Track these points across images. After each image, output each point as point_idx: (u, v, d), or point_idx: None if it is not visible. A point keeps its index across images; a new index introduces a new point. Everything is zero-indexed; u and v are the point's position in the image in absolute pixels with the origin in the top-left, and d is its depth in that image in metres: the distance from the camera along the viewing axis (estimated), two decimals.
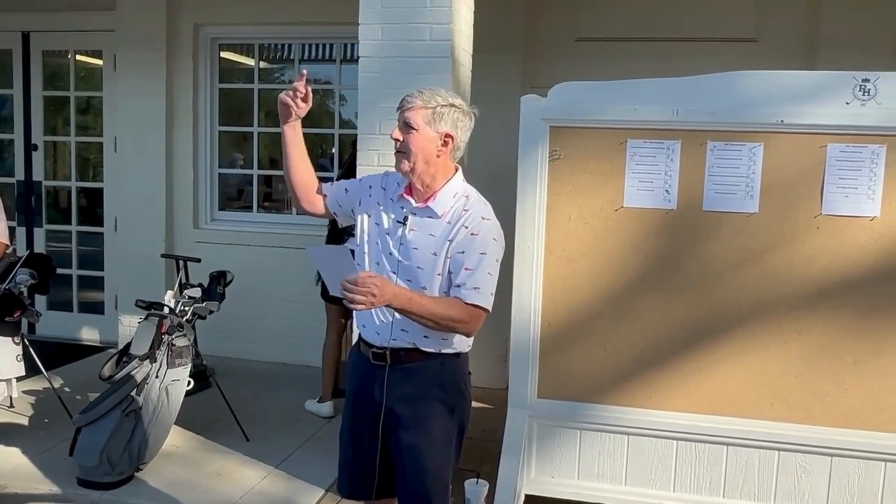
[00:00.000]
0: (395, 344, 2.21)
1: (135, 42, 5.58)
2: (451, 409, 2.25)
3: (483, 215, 2.15)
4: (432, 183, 2.19)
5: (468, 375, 2.34)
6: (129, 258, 5.76)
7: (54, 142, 6.23)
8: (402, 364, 2.22)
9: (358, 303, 1.93)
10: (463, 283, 2.09)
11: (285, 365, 5.48)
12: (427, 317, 2.06)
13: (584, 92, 3.12)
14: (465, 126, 2.20)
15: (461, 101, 2.20)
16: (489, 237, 2.13)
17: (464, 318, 2.08)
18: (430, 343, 2.20)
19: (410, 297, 2.05)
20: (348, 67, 5.57)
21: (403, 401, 2.22)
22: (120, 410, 3.53)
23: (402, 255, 2.19)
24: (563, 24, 5.01)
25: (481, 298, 2.09)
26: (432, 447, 2.23)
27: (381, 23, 3.30)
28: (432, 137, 2.14)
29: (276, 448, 4.00)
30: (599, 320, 3.13)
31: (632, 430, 3.14)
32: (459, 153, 2.22)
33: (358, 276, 1.94)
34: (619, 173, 3.08)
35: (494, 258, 2.14)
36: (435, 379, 2.22)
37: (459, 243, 2.12)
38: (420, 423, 2.22)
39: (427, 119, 2.14)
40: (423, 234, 2.17)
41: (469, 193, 2.21)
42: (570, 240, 3.13)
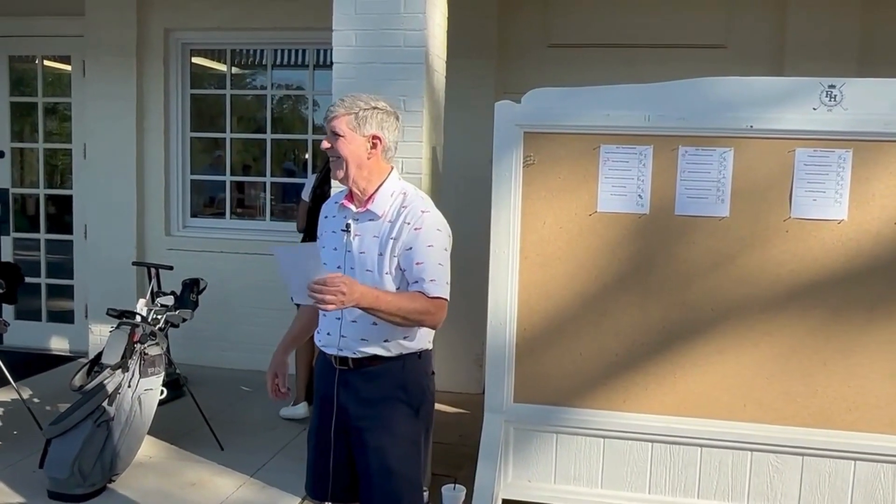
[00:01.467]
0: (357, 355, 2.23)
1: (104, 47, 5.51)
2: (415, 410, 2.27)
3: (422, 209, 2.19)
4: (368, 186, 2.23)
5: (432, 375, 2.36)
6: (100, 266, 5.68)
7: (21, 148, 6.14)
8: (363, 367, 2.24)
9: (328, 303, 1.94)
10: (420, 279, 2.13)
11: (260, 373, 5.37)
12: (395, 312, 2.08)
13: (557, 98, 3.15)
14: (392, 126, 2.24)
15: (384, 104, 2.24)
16: (433, 229, 2.17)
17: (430, 310, 2.12)
18: (391, 347, 2.23)
19: (377, 296, 2.06)
20: (321, 73, 5.56)
21: (366, 403, 2.24)
22: (91, 421, 3.48)
23: (350, 262, 2.21)
24: (535, 31, 5.04)
25: (440, 289, 2.14)
26: (397, 447, 2.24)
27: (354, 29, 3.30)
28: (360, 141, 2.19)
29: (251, 456, 3.97)
30: (574, 324, 3.15)
31: (607, 433, 3.16)
32: (392, 153, 2.26)
33: (326, 276, 1.95)
34: (593, 178, 3.11)
35: (442, 248, 2.19)
36: (397, 380, 2.24)
37: (405, 241, 2.16)
38: (384, 425, 2.23)
39: (351, 124, 2.18)
40: (367, 237, 2.21)
41: (406, 190, 2.25)
42: (544, 244, 3.15)
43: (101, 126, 5.60)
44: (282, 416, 4.51)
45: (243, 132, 5.85)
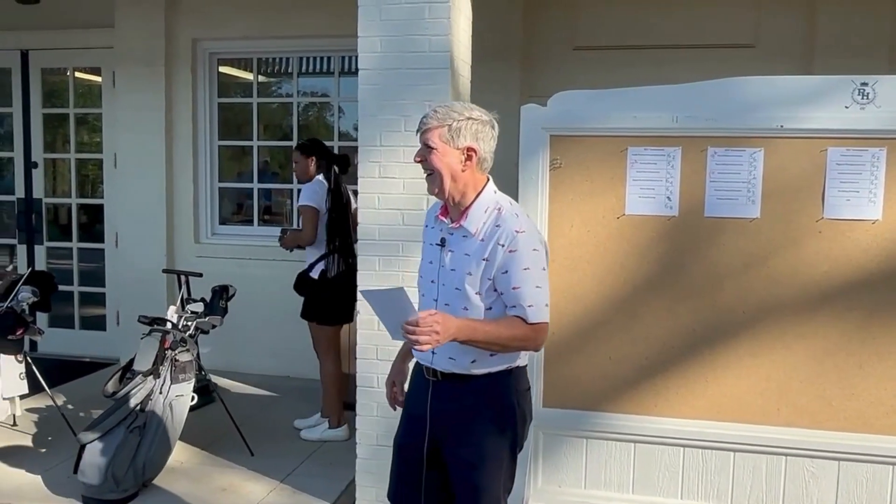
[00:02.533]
0: (445, 370, 2.23)
1: (134, 58, 5.60)
2: (500, 427, 2.21)
3: (516, 228, 2.11)
4: (462, 199, 2.18)
5: (525, 391, 2.30)
6: (131, 274, 5.76)
7: (54, 159, 6.25)
8: (452, 380, 2.22)
9: (423, 343, 1.92)
10: (518, 304, 2.08)
11: (288, 378, 5.47)
12: (493, 342, 2.05)
13: (583, 100, 3.13)
14: (487, 135, 2.17)
15: (479, 112, 2.18)
16: (528, 250, 2.10)
17: (529, 336, 2.08)
18: (477, 366, 2.19)
19: (474, 328, 2.03)
20: (346, 80, 5.59)
21: (453, 416, 2.22)
22: (124, 427, 3.52)
23: (442, 279, 2.19)
24: (561, 33, 5.03)
25: (538, 314, 2.09)
26: (483, 462, 2.21)
27: (379, 35, 3.31)
28: (454, 154, 2.13)
29: (281, 462, 3.99)
30: (604, 328, 3.13)
31: (638, 438, 3.12)
32: (487, 164, 2.20)
33: (418, 317, 1.92)
34: (621, 181, 3.09)
35: (540, 268, 2.13)
36: (484, 395, 2.20)
37: (500, 264, 2.10)
38: (469, 439, 2.21)
39: (445, 137, 2.13)
40: (459, 254, 2.17)
41: (501, 205, 2.17)
42: (572, 247, 3.13)
43: (131, 136, 5.68)
44: (323, 438, 4.32)
45: (270, 139, 5.90)
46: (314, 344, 4.44)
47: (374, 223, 3.40)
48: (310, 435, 4.34)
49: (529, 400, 2.34)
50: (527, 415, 2.30)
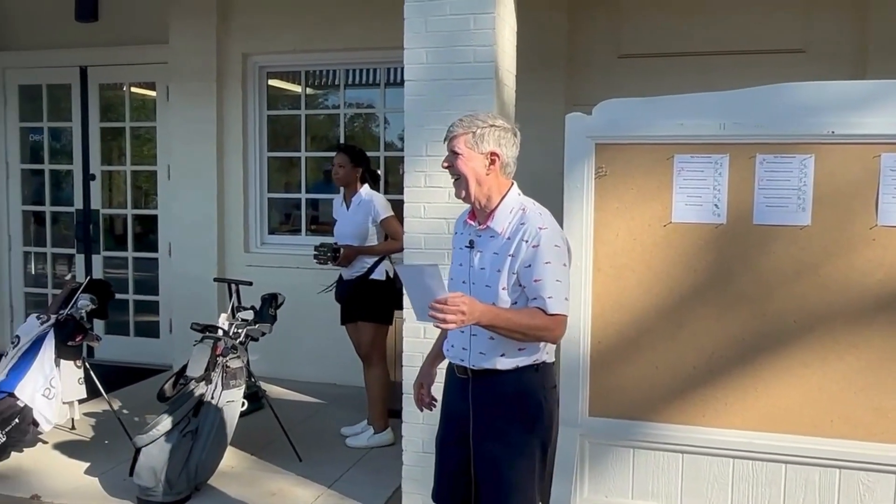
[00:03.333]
0: (476, 367, 2.33)
1: (187, 73, 5.77)
2: (529, 422, 2.31)
3: (539, 225, 2.23)
4: (488, 202, 2.30)
5: (552, 389, 2.40)
6: (183, 282, 5.91)
7: (110, 171, 6.45)
8: (483, 378, 2.32)
9: (449, 322, 2.01)
10: (538, 296, 2.19)
11: (334, 385, 5.53)
12: (514, 329, 2.16)
13: (628, 108, 3.12)
14: (510, 142, 2.30)
15: (502, 121, 2.31)
16: (550, 245, 2.22)
17: (549, 326, 2.19)
18: (506, 361, 2.29)
19: (497, 313, 2.15)
20: (392, 91, 5.67)
21: (484, 413, 2.32)
22: (178, 431, 3.61)
23: (472, 278, 2.31)
24: (605, 42, 5.02)
25: (558, 305, 2.19)
26: (512, 458, 2.29)
27: (425, 47, 3.36)
28: (478, 159, 2.27)
29: (328, 468, 4.04)
30: (650, 337, 3.10)
31: (686, 448, 3.08)
32: (510, 168, 2.32)
33: (447, 296, 2.01)
34: (667, 189, 3.06)
35: (561, 263, 2.24)
36: (513, 392, 2.30)
37: (524, 258, 2.21)
38: (499, 435, 2.30)
39: (469, 143, 2.27)
40: (487, 253, 2.29)
41: (525, 206, 2.31)
42: (617, 256, 3.12)
43: (184, 148, 5.85)
44: (369, 445, 4.40)
45: (317, 150, 6.00)
46: (364, 348, 4.45)
47: (419, 232, 3.44)
48: (356, 443, 4.39)
49: (557, 398, 2.44)
50: (554, 412, 2.40)
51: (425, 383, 2.61)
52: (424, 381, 2.61)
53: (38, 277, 6.71)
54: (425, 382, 2.61)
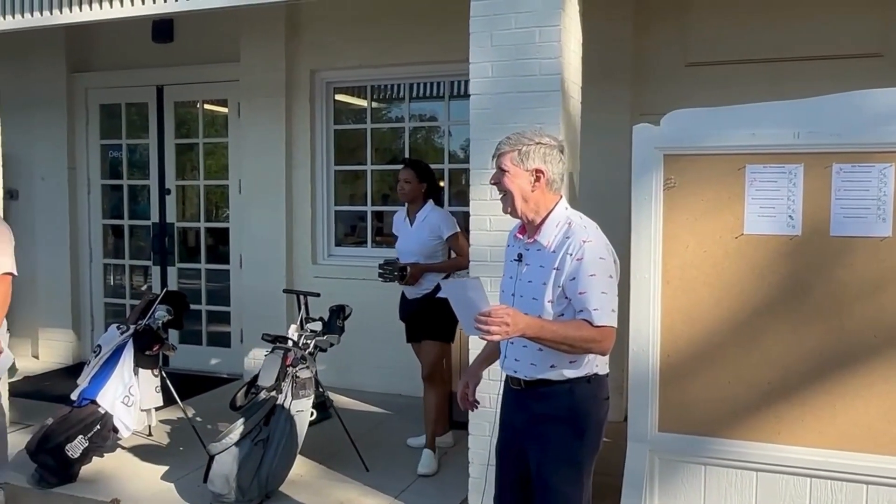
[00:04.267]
0: (528, 378, 2.39)
1: (257, 90, 5.93)
2: (579, 433, 2.35)
3: (584, 238, 2.27)
4: (535, 217, 2.37)
5: (604, 401, 2.43)
6: (253, 293, 6.06)
7: (184, 185, 6.68)
8: (534, 388, 2.38)
9: (494, 333, 2.07)
10: (584, 308, 2.22)
11: (400, 396, 5.58)
12: (560, 341, 2.19)
13: (698, 118, 3.08)
14: (555, 158, 2.36)
15: (548, 139, 2.38)
16: (594, 258, 2.25)
17: (595, 338, 2.21)
18: (556, 373, 2.33)
19: (542, 325, 2.19)
20: (456, 103, 5.71)
21: (534, 423, 2.38)
22: (249, 440, 3.71)
23: (520, 291, 2.38)
24: (672, 50, 4.95)
25: (604, 317, 2.22)
26: (560, 468, 2.35)
27: (490, 60, 3.38)
28: (524, 175, 2.33)
29: (395, 478, 4.08)
30: (722, 351, 3.04)
31: (760, 466, 3.01)
32: (557, 185, 2.38)
33: (491, 308, 2.07)
34: (738, 200, 3.01)
35: (606, 275, 2.27)
36: (564, 403, 2.34)
37: (569, 272, 2.25)
38: (548, 444, 2.35)
39: (515, 160, 2.34)
40: (534, 266, 2.35)
41: (571, 220, 2.35)
42: (687, 268, 3.07)
43: (255, 163, 6.01)
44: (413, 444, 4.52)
45: (381, 163, 6.08)
46: (427, 367, 4.33)
47: (485, 245, 3.45)
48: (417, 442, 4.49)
49: (607, 409, 2.45)
50: (602, 423, 2.43)
51: (471, 383, 2.66)
52: (470, 381, 2.67)
53: (117, 288, 6.98)
54: (471, 382, 2.66)
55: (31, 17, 4.49)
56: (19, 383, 5.80)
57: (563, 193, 2.43)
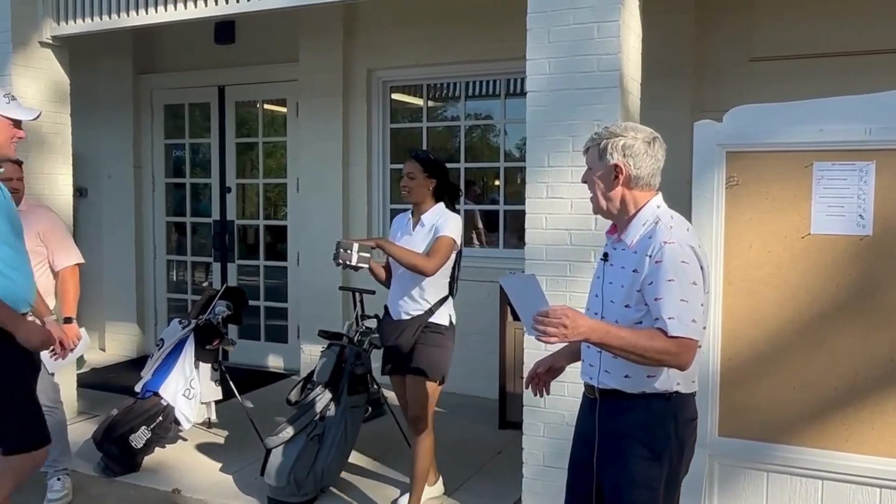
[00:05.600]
0: (602, 386, 2.22)
1: (315, 89, 6.01)
2: (656, 454, 2.15)
3: (664, 240, 2.08)
4: (621, 215, 2.22)
5: (688, 421, 2.22)
6: (310, 290, 6.14)
7: (244, 184, 6.81)
8: (609, 400, 2.21)
9: (550, 335, 1.92)
10: (659, 316, 2.04)
11: (454, 395, 5.56)
12: (629, 350, 2.00)
13: (762, 114, 2.98)
14: (640, 151, 2.17)
15: (635, 133, 2.19)
16: (676, 261, 2.05)
17: (670, 350, 2.00)
18: (631, 384, 2.16)
19: (608, 331, 2.01)
20: (512, 101, 5.67)
21: (609, 437, 2.21)
22: (305, 435, 3.75)
23: (603, 292, 2.23)
24: (735, 46, 4.82)
25: (681, 328, 2.01)
26: (633, 489, 2.16)
27: (548, 57, 3.35)
28: (604, 172, 2.19)
29: (448, 475, 4.07)
30: (786, 355, 2.94)
31: (826, 475, 2.90)
32: (644, 181, 2.19)
33: (549, 308, 1.93)
34: (805, 198, 2.90)
35: (690, 282, 2.06)
36: (640, 420, 2.16)
37: (647, 274, 2.08)
38: (621, 462, 2.18)
39: (596, 156, 2.21)
40: (616, 267, 2.20)
41: (660, 219, 2.16)
42: (751, 269, 2.98)
43: (312, 162, 6.09)
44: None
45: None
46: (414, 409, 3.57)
47: (541, 243, 3.42)
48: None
49: (693, 431, 2.25)
50: (685, 446, 2.21)
51: (542, 365, 2.46)
52: (543, 365, 2.47)
53: (179, 284, 7.17)
54: (542, 365, 2.46)
55: (101, 21, 4.65)
56: (87, 374, 6.01)
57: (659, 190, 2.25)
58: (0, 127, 2.95)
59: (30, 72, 4.78)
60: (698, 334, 2.05)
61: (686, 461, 2.24)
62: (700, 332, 2.06)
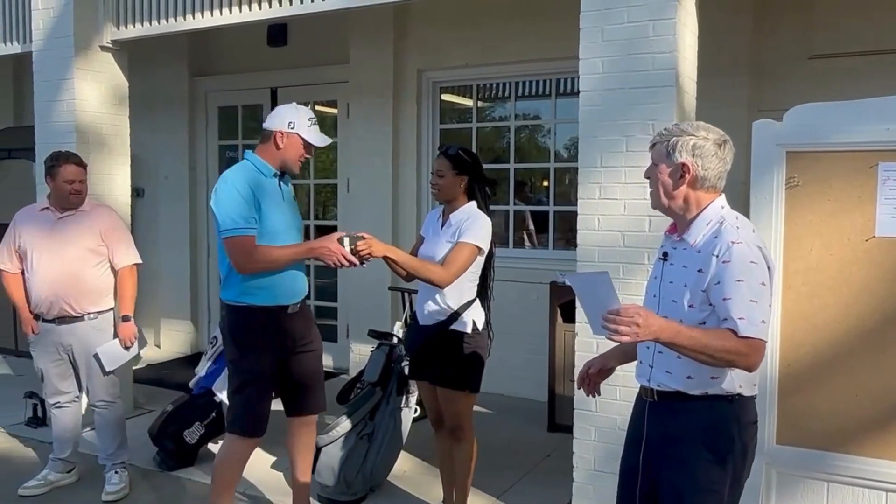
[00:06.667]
0: (661, 388, 2.19)
1: (365, 90, 6.05)
2: (720, 457, 2.11)
3: (732, 239, 2.04)
4: (684, 214, 2.18)
5: (750, 424, 2.19)
6: (359, 290, 6.18)
7: (295, 184, 6.87)
8: (668, 401, 2.18)
9: (623, 334, 1.89)
10: (728, 316, 2.00)
11: (503, 396, 5.55)
12: (699, 350, 1.97)
13: (824, 113, 2.90)
14: (709, 152, 2.14)
15: (704, 132, 2.16)
16: (744, 261, 2.03)
17: (740, 350, 1.97)
18: (694, 385, 2.12)
19: (678, 330, 1.97)
20: (562, 101, 5.63)
21: (669, 441, 2.17)
22: (355, 434, 3.77)
23: (662, 292, 2.19)
24: (794, 43, 4.69)
25: (751, 328, 1.99)
26: (696, 494, 2.12)
27: (601, 56, 3.31)
28: (669, 170, 2.16)
29: (497, 478, 4.06)
30: (849, 362, 2.85)
31: (892, 487, 2.79)
32: (710, 182, 2.15)
33: (621, 307, 1.91)
34: (870, 199, 2.81)
35: (758, 282, 2.03)
36: (702, 422, 2.13)
37: (714, 275, 2.04)
38: (682, 466, 2.13)
39: (663, 153, 2.17)
40: (678, 266, 2.16)
41: (725, 219, 2.12)
42: (811, 273, 2.90)
43: (362, 162, 6.14)
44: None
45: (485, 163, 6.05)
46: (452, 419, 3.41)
47: (593, 245, 3.38)
48: None
49: (754, 434, 2.20)
50: (748, 449, 2.17)
51: (594, 365, 2.45)
52: (594, 365, 2.45)
53: None
54: (594, 365, 2.45)
55: (158, 25, 4.75)
56: (143, 370, 6.16)
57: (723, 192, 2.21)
58: (294, 145, 3.18)
59: (91, 75, 4.92)
60: (767, 335, 2.03)
61: (748, 464, 2.19)
62: (767, 333, 2.04)
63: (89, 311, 3.86)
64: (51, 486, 4.00)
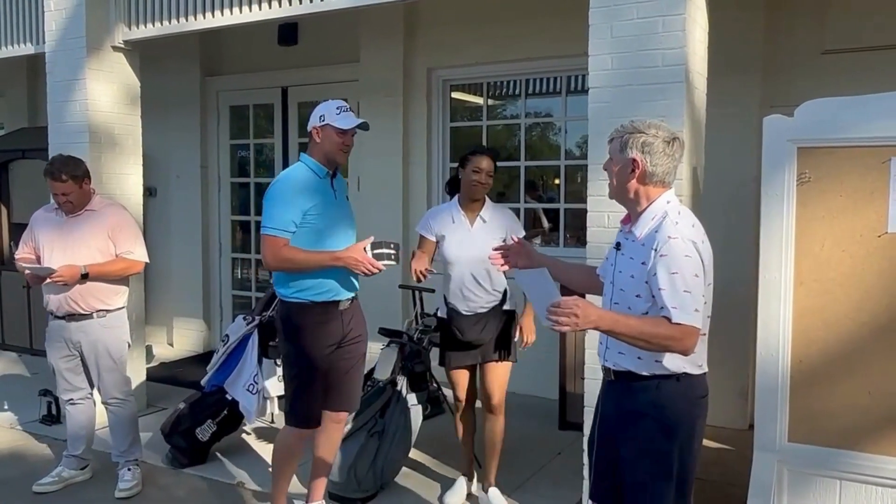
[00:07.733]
0: (616, 367, 2.35)
1: (376, 89, 6.06)
2: (667, 429, 2.27)
3: (669, 234, 2.19)
4: (635, 207, 2.33)
5: (699, 399, 2.34)
6: (370, 288, 6.14)
7: None
8: (623, 381, 2.34)
9: (563, 325, 2.05)
10: (664, 305, 2.15)
11: (514, 394, 5.51)
12: (636, 336, 2.12)
13: (837, 108, 2.87)
14: (657, 150, 2.28)
15: (655, 130, 2.30)
16: (679, 255, 2.17)
17: (674, 335, 2.12)
18: (643, 366, 2.28)
19: (616, 319, 2.13)
20: (573, 99, 5.61)
21: (622, 416, 2.34)
22: (366, 431, 3.78)
23: (615, 280, 2.35)
24: (807, 38, 4.65)
25: (684, 316, 2.13)
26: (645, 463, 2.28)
27: (610, 52, 3.29)
28: (622, 164, 2.31)
29: (508, 475, 4.04)
30: (861, 358, 2.83)
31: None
32: (658, 178, 2.29)
33: (560, 300, 2.06)
34: (882, 195, 2.79)
35: (691, 274, 2.17)
36: (651, 399, 2.29)
37: (651, 267, 2.20)
38: (636, 439, 2.30)
39: (616, 148, 2.33)
40: (626, 257, 2.33)
41: (668, 214, 2.26)
42: (823, 269, 2.88)
43: (373, 161, 6.14)
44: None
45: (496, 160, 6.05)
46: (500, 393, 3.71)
47: (602, 242, 3.35)
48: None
49: (705, 406, 2.37)
50: (698, 422, 2.34)
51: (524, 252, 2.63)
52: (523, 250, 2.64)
53: (244, 281, 7.32)
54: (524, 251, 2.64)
55: (170, 25, 4.78)
56: (155, 369, 6.20)
57: (678, 190, 2.36)
58: (329, 135, 3.24)
59: (102, 75, 4.95)
60: (700, 322, 2.16)
61: (699, 433, 2.35)
62: (701, 321, 2.17)
63: (98, 308, 3.89)
64: (65, 482, 4.04)
